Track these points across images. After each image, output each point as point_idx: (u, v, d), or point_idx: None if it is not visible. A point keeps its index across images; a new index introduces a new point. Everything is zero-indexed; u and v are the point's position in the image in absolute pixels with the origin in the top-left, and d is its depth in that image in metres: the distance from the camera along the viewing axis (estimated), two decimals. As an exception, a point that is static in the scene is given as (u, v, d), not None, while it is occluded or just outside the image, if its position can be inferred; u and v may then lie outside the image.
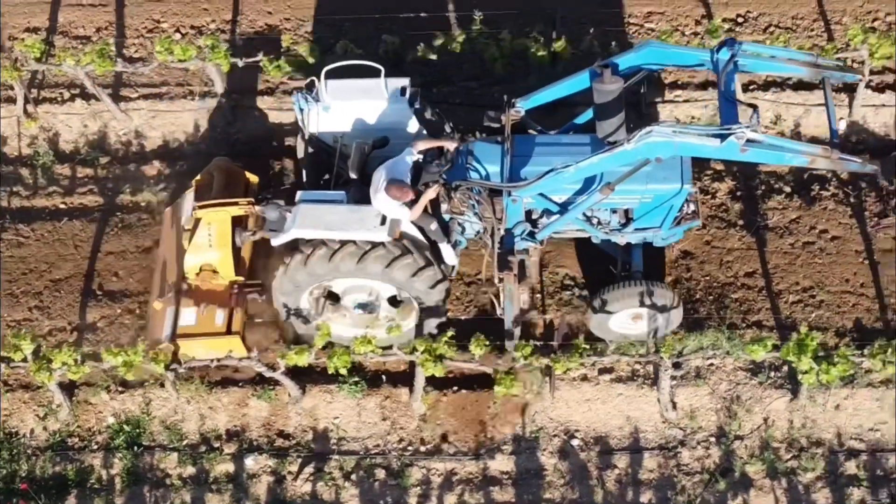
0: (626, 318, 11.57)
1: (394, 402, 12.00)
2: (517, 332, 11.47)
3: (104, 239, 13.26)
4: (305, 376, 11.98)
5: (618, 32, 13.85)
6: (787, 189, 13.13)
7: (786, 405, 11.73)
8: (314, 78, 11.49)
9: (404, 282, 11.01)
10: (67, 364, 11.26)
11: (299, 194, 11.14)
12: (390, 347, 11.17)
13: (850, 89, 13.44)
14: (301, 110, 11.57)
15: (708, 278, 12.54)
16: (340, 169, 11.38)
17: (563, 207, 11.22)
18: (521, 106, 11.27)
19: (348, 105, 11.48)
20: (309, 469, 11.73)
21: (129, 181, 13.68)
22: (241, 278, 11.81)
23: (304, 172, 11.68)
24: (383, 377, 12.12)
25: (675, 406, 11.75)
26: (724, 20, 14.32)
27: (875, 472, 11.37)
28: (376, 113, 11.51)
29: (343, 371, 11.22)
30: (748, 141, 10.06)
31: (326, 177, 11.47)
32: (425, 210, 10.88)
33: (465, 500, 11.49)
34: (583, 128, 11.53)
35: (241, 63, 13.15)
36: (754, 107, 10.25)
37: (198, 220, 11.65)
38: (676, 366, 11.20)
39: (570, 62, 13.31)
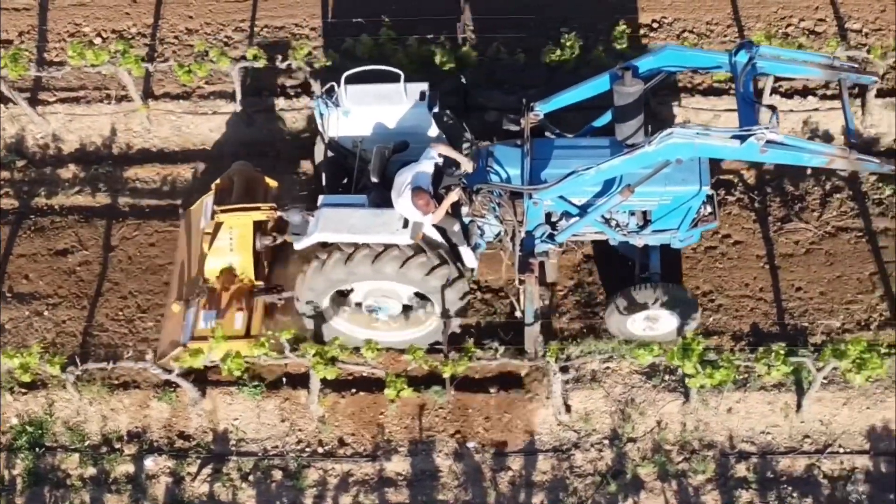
0: (642, 319, 11.69)
1: (293, 403, 12.12)
2: (537, 333, 11.55)
3: (16, 242, 13.39)
4: (208, 377, 12.11)
5: (530, 38, 13.93)
6: (694, 194, 13.23)
7: (679, 408, 11.84)
8: (334, 83, 11.58)
9: (419, 280, 11.08)
10: (-36, 366, 11.42)
11: (321, 198, 11.21)
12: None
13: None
14: (321, 115, 11.64)
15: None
16: (360, 173, 11.48)
17: (583, 210, 11.35)
18: (540, 109, 11.42)
19: (368, 110, 11.58)
20: (207, 470, 11.85)
21: (45, 184, 13.81)
22: (260, 282, 11.88)
23: (323, 177, 11.76)
24: (283, 379, 12.24)
25: (569, 409, 11.86)
26: (639, 25, 14.45)
27: (765, 475, 11.49)
28: (396, 117, 11.61)
29: (237, 373, 11.36)
30: (768, 142, 10.22)
31: (346, 181, 11.56)
32: (447, 212, 11.02)
33: (360, 501, 11.62)
34: (601, 131, 11.67)
35: (151, 68, 13.25)
36: (773, 108, 10.38)
37: (219, 224, 11.69)
38: (564, 370, 11.31)
39: (477, 68, 13.48)
